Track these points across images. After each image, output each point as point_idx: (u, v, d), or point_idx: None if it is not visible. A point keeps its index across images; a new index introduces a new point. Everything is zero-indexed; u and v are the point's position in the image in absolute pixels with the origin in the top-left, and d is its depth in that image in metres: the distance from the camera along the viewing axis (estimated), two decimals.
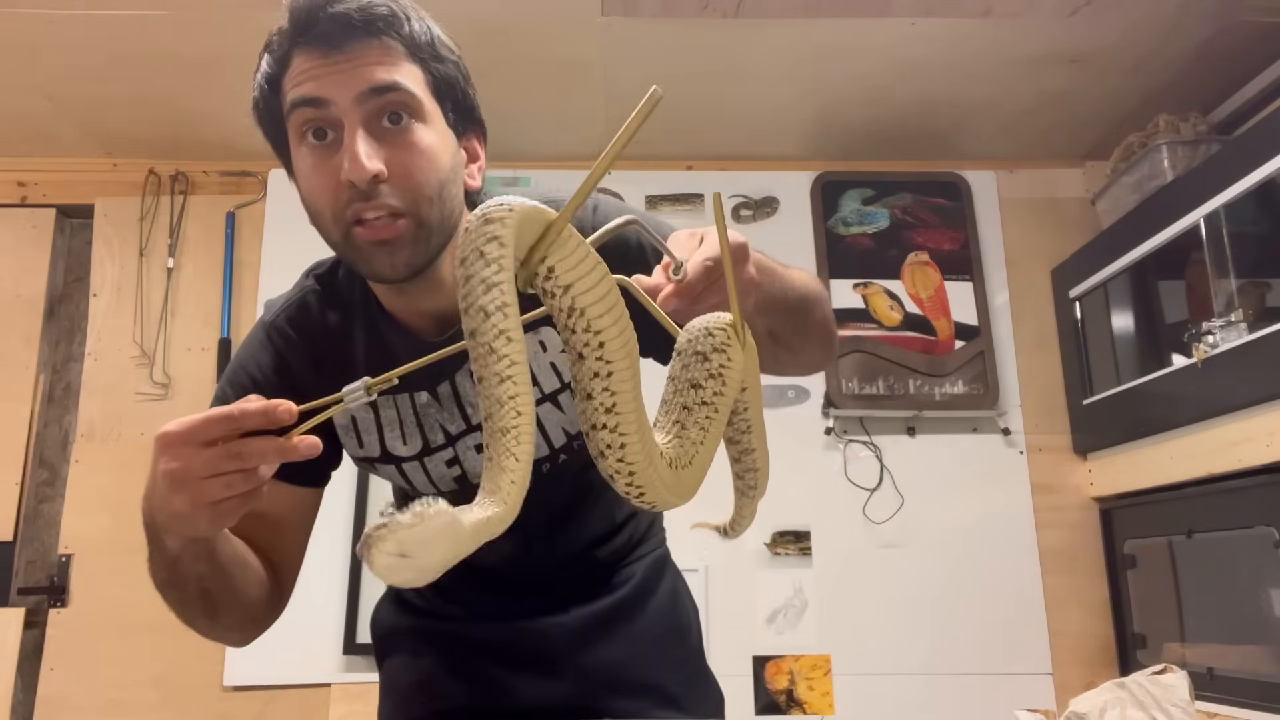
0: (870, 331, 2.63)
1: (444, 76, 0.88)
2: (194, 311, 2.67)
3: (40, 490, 2.63)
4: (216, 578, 0.81)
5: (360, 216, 0.81)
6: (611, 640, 1.08)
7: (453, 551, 0.45)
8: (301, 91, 0.82)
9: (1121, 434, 2.41)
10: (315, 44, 0.82)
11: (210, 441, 0.62)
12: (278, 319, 0.97)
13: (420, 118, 0.84)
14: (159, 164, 2.75)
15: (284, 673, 2.39)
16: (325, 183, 0.82)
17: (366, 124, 0.82)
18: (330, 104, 0.81)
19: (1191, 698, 1.77)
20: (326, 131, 0.83)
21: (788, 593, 2.49)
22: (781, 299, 0.83)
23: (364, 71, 0.81)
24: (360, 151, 0.79)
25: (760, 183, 2.78)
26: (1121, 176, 2.46)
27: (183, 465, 0.63)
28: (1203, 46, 2.29)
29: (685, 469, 0.60)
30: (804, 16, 2.16)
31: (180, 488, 0.63)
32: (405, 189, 0.82)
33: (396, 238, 0.82)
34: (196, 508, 0.64)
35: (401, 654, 1.10)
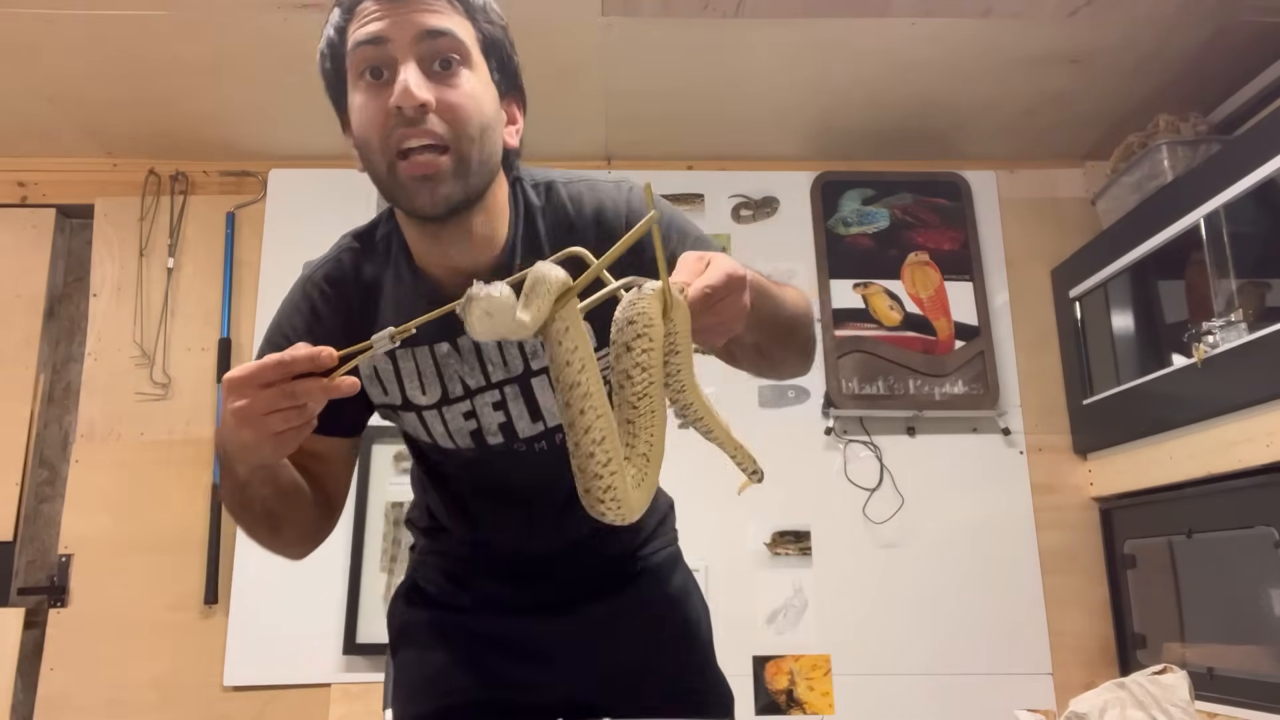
0: (870, 331, 2.63)
1: (492, 36, 0.96)
2: (194, 311, 2.67)
3: (40, 490, 2.63)
4: (278, 500, 0.92)
5: (405, 146, 0.88)
6: (620, 638, 1.10)
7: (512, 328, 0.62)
8: (365, 31, 0.90)
9: (1121, 434, 2.41)
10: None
11: (268, 384, 0.72)
12: (315, 274, 1.05)
13: (468, 65, 0.92)
14: (159, 164, 2.75)
15: (284, 673, 2.39)
16: (375, 113, 0.89)
17: (419, 62, 0.89)
18: (388, 42, 0.89)
19: (1191, 698, 1.77)
20: (382, 71, 0.90)
21: (788, 593, 2.49)
22: (770, 319, 0.90)
23: (421, 16, 0.89)
24: (410, 81, 0.87)
25: (760, 183, 2.78)
26: (1121, 176, 2.46)
27: (247, 404, 0.73)
28: (1203, 46, 2.29)
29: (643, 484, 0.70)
30: (804, 16, 2.16)
31: (246, 422, 0.73)
32: (449, 121, 0.89)
33: (437, 172, 0.88)
34: (261, 438, 0.74)
35: (413, 648, 1.14)
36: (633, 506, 0.69)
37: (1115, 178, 2.49)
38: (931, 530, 2.54)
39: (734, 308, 0.75)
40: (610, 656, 1.09)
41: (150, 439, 2.56)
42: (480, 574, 1.11)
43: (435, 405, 1.01)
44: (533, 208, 1.01)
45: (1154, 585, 2.38)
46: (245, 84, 2.40)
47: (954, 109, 2.59)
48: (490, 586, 1.10)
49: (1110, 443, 2.48)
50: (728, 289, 0.73)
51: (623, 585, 1.12)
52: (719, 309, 0.73)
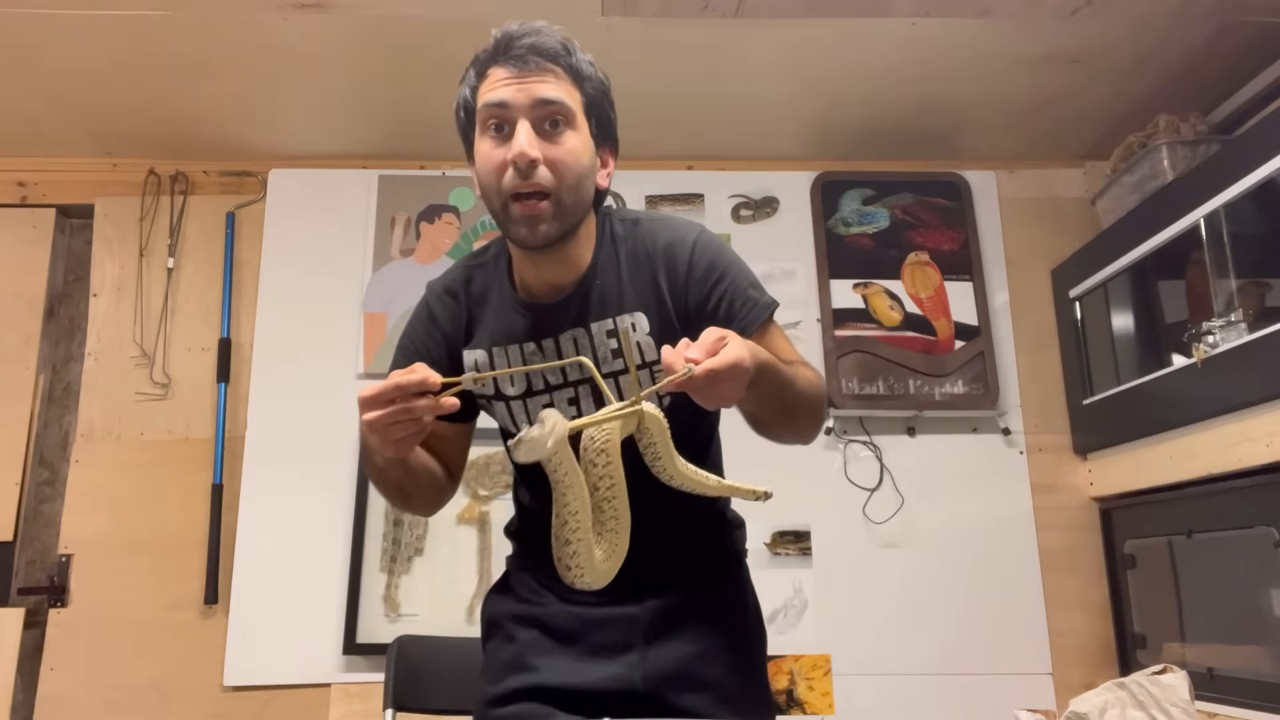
0: (870, 331, 2.63)
1: (594, 100, 1.18)
2: (194, 311, 2.67)
3: (40, 490, 2.63)
4: (408, 479, 1.16)
5: (517, 191, 1.09)
6: (681, 636, 1.20)
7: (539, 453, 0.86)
8: (494, 96, 1.12)
9: (1121, 434, 2.41)
10: (509, 64, 1.13)
11: (390, 401, 0.93)
12: (436, 286, 1.29)
13: (572, 126, 1.13)
14: (159, 164, 2.75)
15: (284, 673, 2.39)
16: (496, 162, 1.11)
17: (534, 125, 1.10)
18: (510, 107, 1.11)
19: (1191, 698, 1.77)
20: (504, 127, 1.12)
21: (788, 593, 2.49)
22: (770, 398, 1.06)
23: (538, 87, 1.11)
24: (524, 141, 1.09)
25: (760, 183, 2.78)
26: (1121, 176, 2.46)
27: (374, 416, 0.93)
28: (1203, 46, 2.29)
29: (608, 560, 0.94)
30: (804, 16, 2.16)
31: (374, 430, 0.95)
32: (553, 173, 1.10)
33: (541, 213, 1.10)
34: (385, 443, 0.97)
35: (499, 636, 1.29)
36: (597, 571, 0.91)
37: (1115, 178, 2.49)
38: (931, 530, 2.54)
39: (729, 390, 0.92)
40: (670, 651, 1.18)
41: (150, 439, 2.56)
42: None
43: (520, 396, 1.20)
44: (618, 237, 1.22)
45: (1154, 585, 2.38)
46: (245, 84, 2.40)
47: (954, 109, 2.59)
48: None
49: (1110, 443, 2.48)
50: (728, 375, 0.90)
51: (692, 587, 1.23)
52: (716, 389, 0.91)
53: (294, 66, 2.32)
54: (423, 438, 0.99)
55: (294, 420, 2.54)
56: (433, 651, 1.71)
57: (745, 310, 1.15)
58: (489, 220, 2.73)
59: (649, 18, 2.13)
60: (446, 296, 1.26)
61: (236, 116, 2.57)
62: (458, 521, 2.47)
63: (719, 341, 0.92)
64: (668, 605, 1.21)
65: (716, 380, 0.89)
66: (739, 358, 0.91)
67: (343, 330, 2.62)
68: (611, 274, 1.18)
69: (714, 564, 1.29)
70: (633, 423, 0.94)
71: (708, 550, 1.29)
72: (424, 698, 1.65)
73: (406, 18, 2.14)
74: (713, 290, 1.16)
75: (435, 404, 0.94)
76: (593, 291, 1.18)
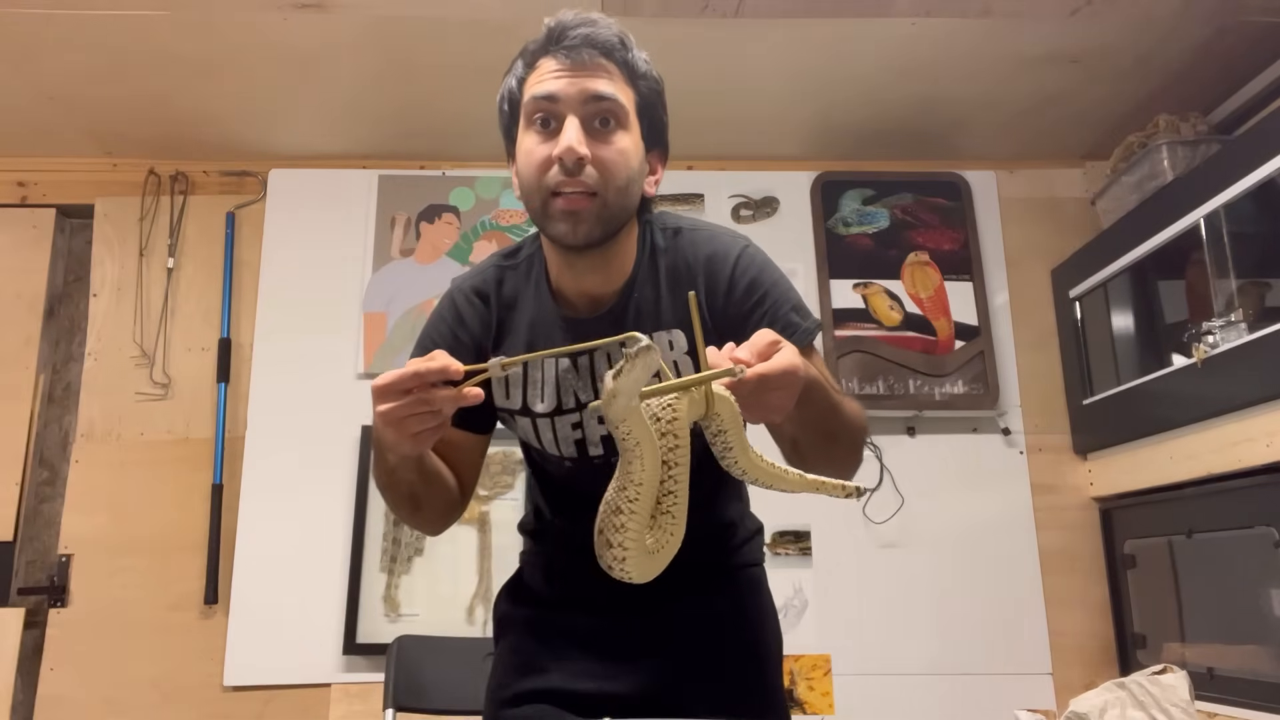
0: (870, 331, 2.63)
1: (648, 100, 1.12)
2: (194, 311, 2.67)
3: (40, 490, 2.63)
4: (421, 484, 1.07)
5: (560, 189, 1.03)
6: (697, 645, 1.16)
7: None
8: (543, 88, 1.05)
9: (1121, 434, 2.41)
10: (561, 55, 1.06)
11: (407, 390, 0.85)
12: (464, 284, 1.20)
13: (623, 126, 1.07)
14: (159, 164, 2.75)
15: (284, 673, 2.39)
16: (541, 157, 1.04)
17: (583, 121, 1.04)
18: (560, 100, 1.04)
19: (1191, 698, 1.77)
20: (551, 121, 1.05)
21: (788, 593, 2.49)
22: (814, 422, 0.98)
23: (591, 82, 1.05)
24: (573, 138, 1.02)
25: (760, 183, 2.78)
26: (1121, 176, 2.46)
27: (390, 408, 0.86)
28: (1203, 46, 2.29)
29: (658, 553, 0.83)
30: (804, 16, 2.16)
31: (389, 423, 0.87)
32: (600, 173, 1.03)
33: (584, 209, 1.03)
34: (401, 436, 0.88)
35: (511, 637, 1.25)
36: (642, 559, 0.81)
37: (1115, 178, 2.49)
38: (931, 530, 2.54)
39: (779, 400, 0.83)
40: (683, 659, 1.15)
41: (150, 439, 2.56)
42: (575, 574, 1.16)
43: (549, 414, 1.13)
44: (658, 249, 1.15)
45: (1154, 585, 2.38)
46: (245, 84, 2.40)
47: (954, 109, 2.59)
48: (583, 586, 1.15)
49: (1110, 443, 2.48)
50: (780, 383, 0.82)
51: (707, 595, 1.19)
52: (765, 398, 0.82)
53: (294, 66, 2.32)
54: (441, 434, 0.91)
55: (294, 420, 2.54)
56: (433, 651, 1.72)
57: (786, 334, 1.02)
58: (490, 220, 2.73)
59: (649, 18, 2.13)
60: (475, 298, 1.17)
61: (236, 116, 2.57)
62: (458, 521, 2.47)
63: (772, 345, 0.84)
64: (685, 613, 1.17)
65: (767, 387, 0.81)
66: (794, 365, 0.83)
67: (343, 330, 2.62)
68: (650, 288, 1.11)
69: (733, 571, 1.24)
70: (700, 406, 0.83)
71: (727, 558, 1.25)
72: (424, 698, 1.65)
73: (407, 18, 2.14)
74: (753, 310, 1.10)
75: (458, 394, 0.86)
76: (630, 306, 1.11)
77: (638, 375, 0.74)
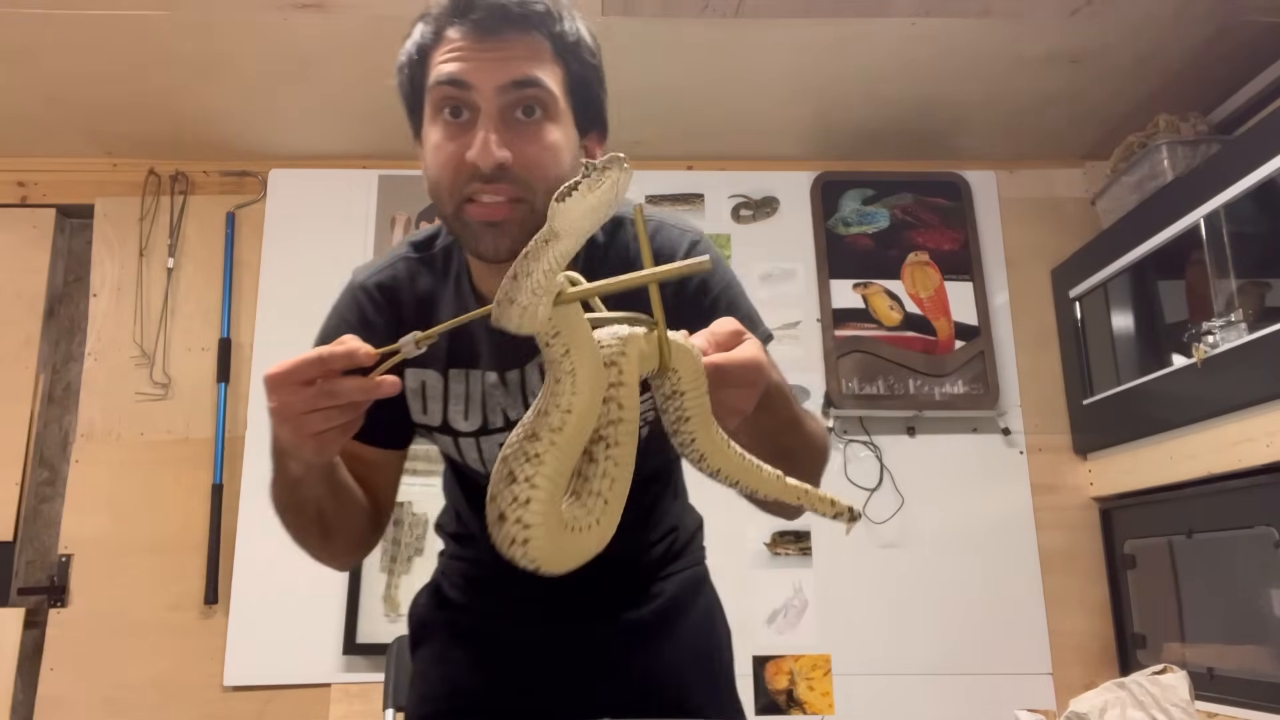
0: (870, 331, 2.63)
1: (581, 78, 0.94)
2: (194, 311, 2.67)
3: (40, 490, 2.63)
4: (331, 501, 0.89)
5: (476, 196, 0.87)
6: (640, 654, 1.08)
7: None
8: (448, 70, 0.87)
9: (1121, 434, 2.40)
10: (471, 27, 0.87)
11: (308, 381, 0.69)
12: (367, 281, 1.02)
13: (552, 116, 0.89)
14: (159, 164, 2.75)
15: (284, 673, 2.39)
16: (451, 158, 0.88)
17: (501, 113, 0.87)
18: (471, 88, 0.87)
19: (1191, 698, 1.77)
20: (462, 111, 0.88)
21: (788, 593, 2.49)
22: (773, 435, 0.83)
23: (510, 64, 0.87)
24: (491, 140, 0.85)
25: (760, 183, 2.77)
26: (1121, 176, 2.46)
27: (284, 402, 0.70)
28: (1203, 46, 2.29)
29: (578, 534, 0.60)
30: (804, 16, 2.16)
31: (285, 421, 0.71)
32: (526, 178, 0.87)
33: (506, 219, 0.87)
34: (300, 438, 0.72)
35: (433, 645, 1.14)
36: (551, 540, 0.58)
37: (1115, 178, 2.49)
38: (931, 530, 2.54)
39: (738, 398, 0.70)
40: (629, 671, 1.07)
41: (150, 439, 2.56)
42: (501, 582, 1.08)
43: (474, 434, 1.00)
44: (596, 243, 0.99)
45: (1154, 585, 2.37)
46: (245, 84, 2.40)
47: (954, 109, 2.59)
48: (510, 594, 1.08)
49: (1110, 443, 2.48)
50: (740, 379, 0.68)
51: (649, 600, 1.10)
52: (722, 395, 0.68)
53: (294, 66, 2.32)
54: (351, 434, 0.74)
55: None
56: None
57: None
58: None
59: (649, 18, 2.13)
60: (380, 295, 1.00)
61: (236, 116, 2.57)
62: None
63: (735, 335, 0.71)
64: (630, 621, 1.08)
65: (725, 382, 0.68)
66: (758, 359, 0.70)
67: None
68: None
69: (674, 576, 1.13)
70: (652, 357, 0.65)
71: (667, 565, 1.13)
72: None
73: (406, 18, 2.12)
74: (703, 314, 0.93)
75: (370, 384, 0.70)
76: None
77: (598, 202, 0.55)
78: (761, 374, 0.70)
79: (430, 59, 0.91)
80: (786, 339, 2.64)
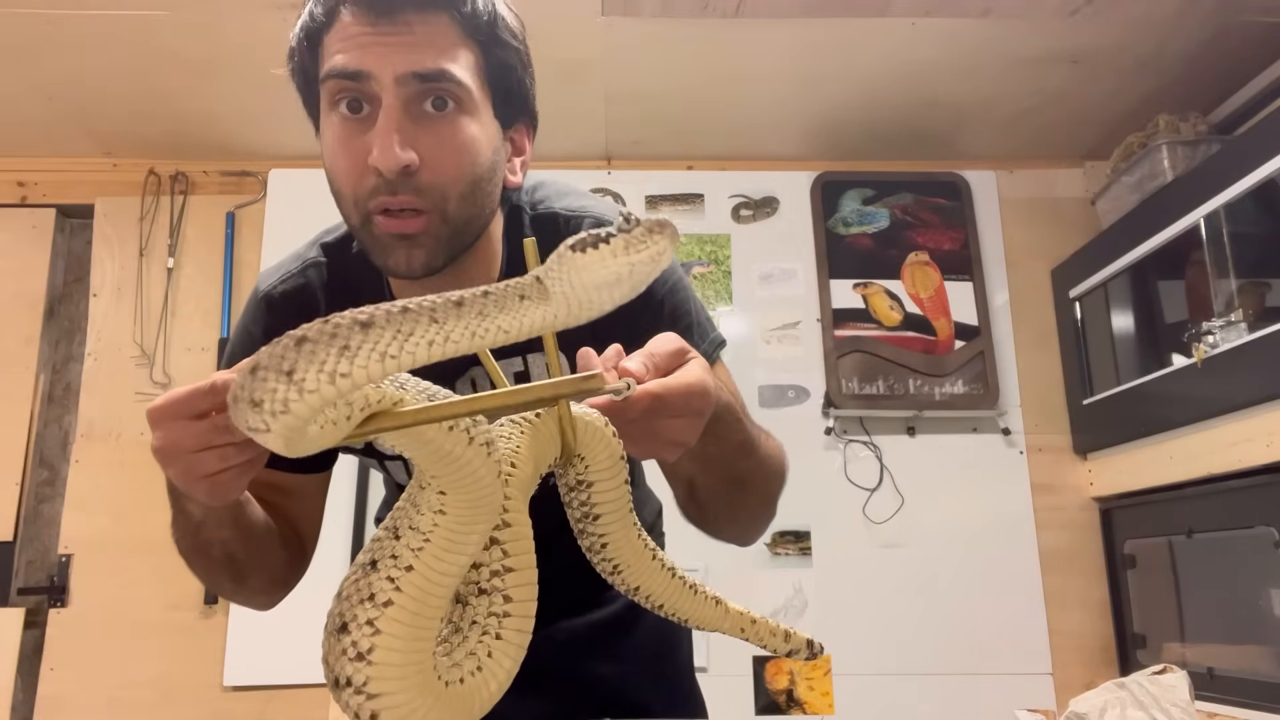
0: (870, 331, 2.63)
1: (500, 62, 0.82)
2: (194, 311, 2.67)
3: (40, 490, 2.63)
4: (240, 542, 0.78)
5: (384, 208, 0.77)
6: (600, 657, 1.06)
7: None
8: (342, 61, 0.76)
9: (1121, 434, 2.41)
10: (365, 6, 0.76)
11: (199, 415, 0.57)
12: (273, 290, 0.90)
13: (465, 109, 0.78)
14: (159, 164, 2.75)
15: (284, 673, 2.39)
16: (351, 163, 0.77)
17: (405, 106, 0.76)
18: (370, 79, 0.76)
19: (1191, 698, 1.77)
20: (362, 104, 0.77)
21: (788, 593, 2.49)
22: (722, 463, 0.74)
23: (412, 52, 0.75)
24: (393, 140, 0.74)
25: (760, 183, 2.77)
26: (1121, 176, 2.46)
27: (170, 441, 0.58)
28: (1203, 46, 2.29)
29: (457, 685, 0.47)
30: (804, 16, 2.16)
31: (171, 461, 0.59)
32: (435, 183, 0.77)
33: (420, 232, 0.77)
34: (191, 480, 0.60)
35: None
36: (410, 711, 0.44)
37: (1115, 178, 2.49)
38: (931, 530, 2.54)
39: (679, 430, 0.60)
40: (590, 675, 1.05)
41: (150, 439, 2.56)
42: None
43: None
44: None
45: (1154, 585, 2.37)
46: (245, 84, 2.40)
47: (954, 109, 2.59)
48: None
49: (1110, 443, 2.48)
50: (682, 408, 0.59)
51: (605, 603, 1.08)
52: (660, 427, 0.59)
53: None
54: (254, 472, 0.61)
55: None
56: None
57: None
58: None
59: (649, 18, 2.13)
60: (288, 308, 0.88)
61: (236, 116, 2.57)
62: None
63: (676, 356, 0.61)
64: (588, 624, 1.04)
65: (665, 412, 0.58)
66: (703, 383, 0.60)
67: None
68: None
69: None
70: (553, 442, 0.54)
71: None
72: None
73: None
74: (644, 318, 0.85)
75: None
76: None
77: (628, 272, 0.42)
78: (707, 400, 0.61)
79: (322, 45, 0.80)
80: (787, 339, 2.64)
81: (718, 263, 2.70)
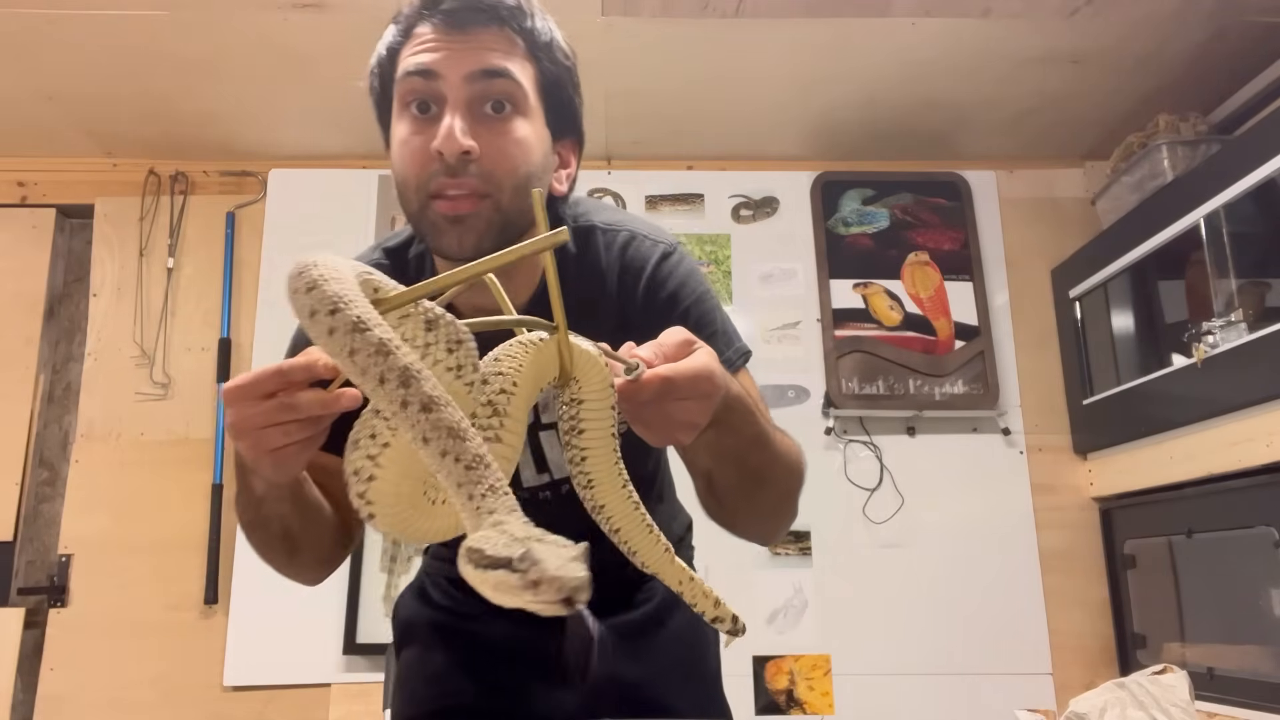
0: (870, 331, 2.63)
1: (553, 78, 0.91)
2: (194, 311, 2.67)
3: (40, 490, 2.63)
4: (298, 518, 0.86)
5: (442, 191, 0.85)
6: (629, 657, 1.07)
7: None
8: (415, 61, 0.86)
9: (1121, 434, 2.41)
10: (440, 20, 0.86)
11: (267, 395, 0.65)
12: None
13: (521, 111, 0.87)
14: (159, 164, 2.75)
15: (284, 673, 2.39)
16: (416, 152, 0.86)
17: (469, 104, 0.85)
18: (439, 78, 0.85)
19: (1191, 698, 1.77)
20: (430, 105, 0.86)
21: (788, 593, 2.49)
22: (737, 455, 0.80)
23: (478, 54, 0.85)
24: (456, 126, 0.83)
25: (760, 183, 2.78)
26: (1121, 176, 2.46)
27: (242, 417, 0.66)
28: (1203, 46, 2.29)
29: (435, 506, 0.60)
30: (804, 16, 2.16)
31: (242, 436, 0.67)
32: (492, 172, 0.85)
33: (472, 214, 0.85)
34: (258, 454, 0.67)
35: (417, 646, 1.12)
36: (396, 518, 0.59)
37: (1115, 178, 2.49)
38: (931, 530, 2.54)
39: (688, 411, 0.67)
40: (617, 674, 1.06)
41: (150, 439, 2.56)
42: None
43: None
44: (567, 254, 0.95)
45: (1154, 585, 2.38)
46: (245, 84, 2.40)
47: (954, 109, 2.59)
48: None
49: (1110, 443, 2.48)
50: (690, 390, 0.65)
51: (637, 605, 1.10)
52: (671, 409, 0.66)
53: (294, 66, 2.32)
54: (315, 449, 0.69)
55: None
56: None
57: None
58: None
59: (649, 18, 2.13)
60: None
61: (236, 116, 2.57)
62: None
63: (684, 346, 0.68)
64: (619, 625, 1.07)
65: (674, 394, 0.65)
66: (709, 368, 0.67)
67: None
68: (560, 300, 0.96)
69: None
70: (552, 365, 0.63)
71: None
72: None
73: None
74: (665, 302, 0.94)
75: (329, 398, 0.66)
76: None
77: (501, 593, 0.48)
78: (714, 384, 0.68)
79: (399, 57, 0.89)
80: (786, 339, 2.64)
81: (718, 263, 2.70)
